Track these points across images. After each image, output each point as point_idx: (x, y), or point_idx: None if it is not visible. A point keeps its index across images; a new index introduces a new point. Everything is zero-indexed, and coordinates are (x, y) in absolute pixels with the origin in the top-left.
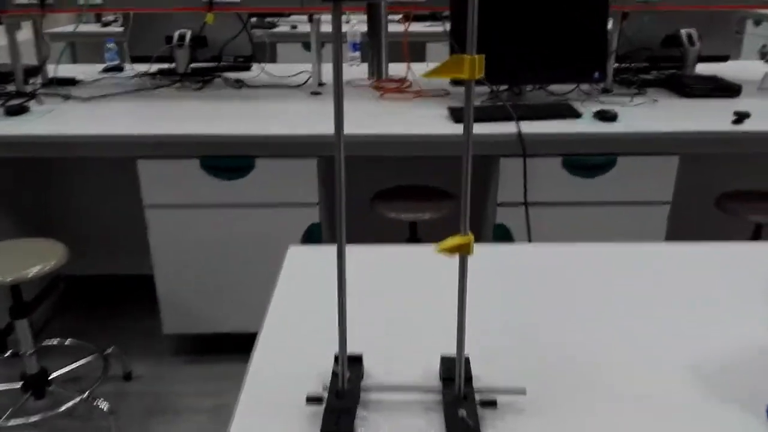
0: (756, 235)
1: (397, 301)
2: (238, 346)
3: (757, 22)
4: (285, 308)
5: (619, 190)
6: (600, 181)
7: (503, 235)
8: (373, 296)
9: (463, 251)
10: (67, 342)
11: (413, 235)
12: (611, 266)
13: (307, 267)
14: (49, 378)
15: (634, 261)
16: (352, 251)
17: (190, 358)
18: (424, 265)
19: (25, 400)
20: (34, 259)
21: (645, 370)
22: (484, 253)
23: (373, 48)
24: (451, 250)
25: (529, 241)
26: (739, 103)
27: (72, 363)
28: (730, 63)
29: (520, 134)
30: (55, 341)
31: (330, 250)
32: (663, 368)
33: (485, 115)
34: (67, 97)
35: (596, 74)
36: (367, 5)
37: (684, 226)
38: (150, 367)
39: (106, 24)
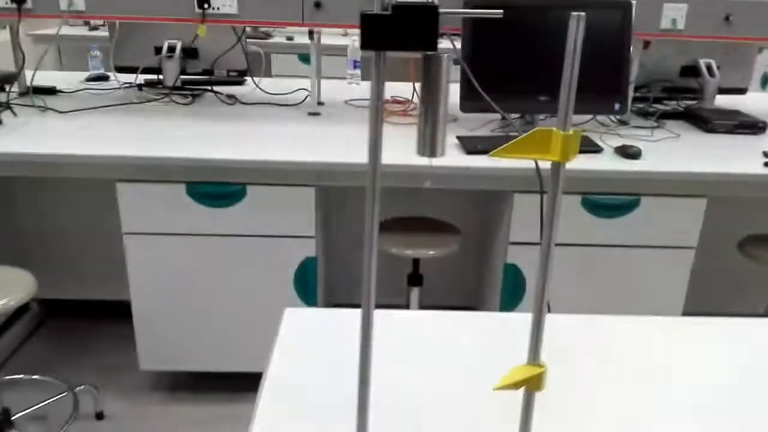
0: None
1: (408, 373)
2: (221, 386)
3: (758, 50)
4: (282, 383)
5: (641, 232)
6: (621, 222)
7: (514, 275)
8: (380, 368)
9: (532, 387)
10: (34, 377)
11: (416, 271)
12: (625, 345)
13: (306, 333)
14: (12, 418)
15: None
16: (349, 315)
17: (168, 395)
18: (428, 331)
19: None
20: None
21: None
22: (483, 321)
23: (426, 112)
24: (516, 386)
25: None
26: (765, 141)
27: (38, 401)
28: (749, 96)
29: (538, 170)
30: (20, 376)
31: (332, 314)
32: None
33: (497, 146)
34: (44, 109)
35: (617, 105)
36: (423, 57)
37: (704, 269)
38: (124, 405)
39: (94, 28)
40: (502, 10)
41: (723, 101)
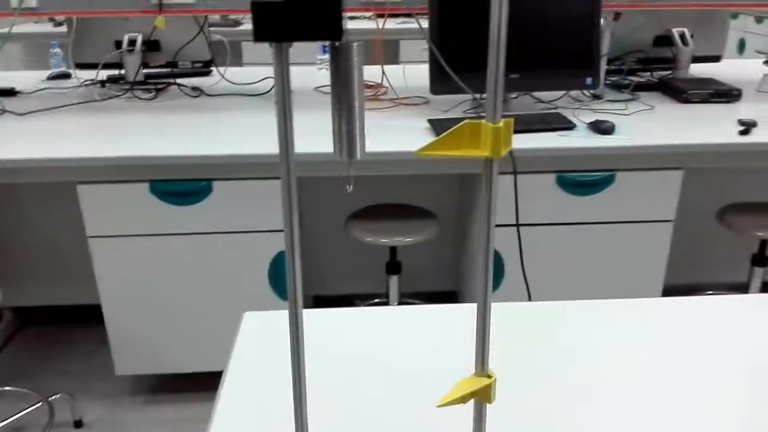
0: (761, 250)
1: (365, 375)
2: (201, 385)
3: (734, 16)
4: (240, 389)
5: (618, 208)
6: (597, 198)
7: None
8: (334, 371)
9: (482, 399)
10: (6, 388)
11: (393, 258)
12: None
13: (264, 337)
14: None
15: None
16: (313, 316)
17: (148, 398)
18: (396, 327)
19: None
20: None
21: None
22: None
23: (339, 109)
24: (464, 399)
25: (522, 264)
26: (741, 109)
27: (13, 412)
28: (724, 63)
29: (510, 150)
30: None
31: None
32: None
33: None
34: (2, 112)
35: (588, 80)
36: (331, 47)
37: (684, 242)
38: (103, 411)
39: (59, 24)
40: None
41: (698, 70)
